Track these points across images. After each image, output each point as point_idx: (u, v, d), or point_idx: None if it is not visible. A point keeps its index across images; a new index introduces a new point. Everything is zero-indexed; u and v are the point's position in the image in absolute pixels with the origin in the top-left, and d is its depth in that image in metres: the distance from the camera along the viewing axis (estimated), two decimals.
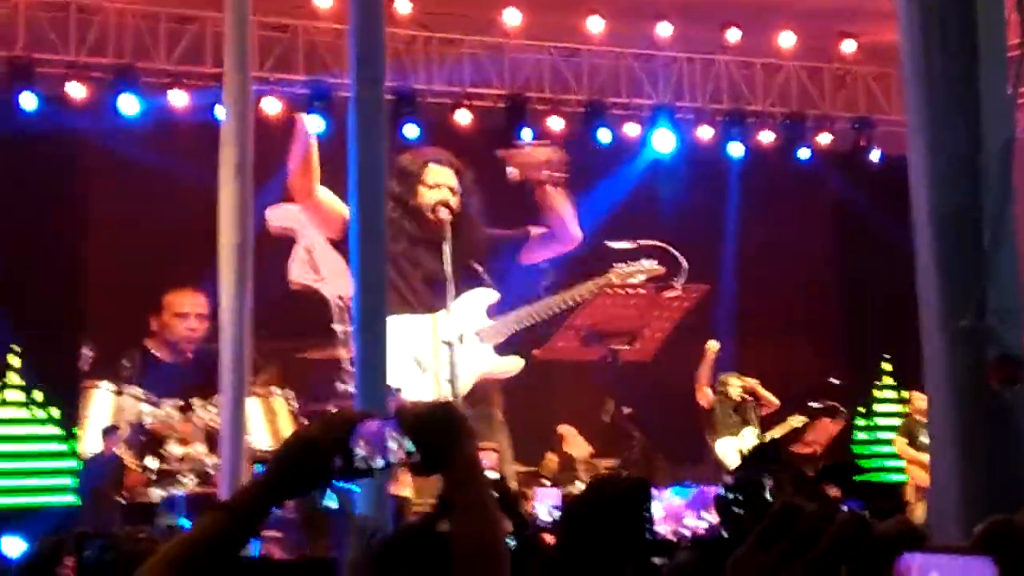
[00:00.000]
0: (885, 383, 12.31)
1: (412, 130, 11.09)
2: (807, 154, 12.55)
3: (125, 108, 10.46)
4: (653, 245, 9.16)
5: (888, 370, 12.28)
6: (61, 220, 10.27)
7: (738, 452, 11.05)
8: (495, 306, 9.55)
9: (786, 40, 12.00)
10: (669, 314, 8.98)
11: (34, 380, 9.68)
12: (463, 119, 11.54)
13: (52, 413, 9.60)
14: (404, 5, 10.83)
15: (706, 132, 12.38)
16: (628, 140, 12.20)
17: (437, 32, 11.38)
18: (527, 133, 11.52)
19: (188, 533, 2.08)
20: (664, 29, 11.63)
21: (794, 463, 10.90)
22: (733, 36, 11.83)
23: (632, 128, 12.18)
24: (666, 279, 9.01)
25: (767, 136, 12.53)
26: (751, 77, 12.40)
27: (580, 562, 3.17)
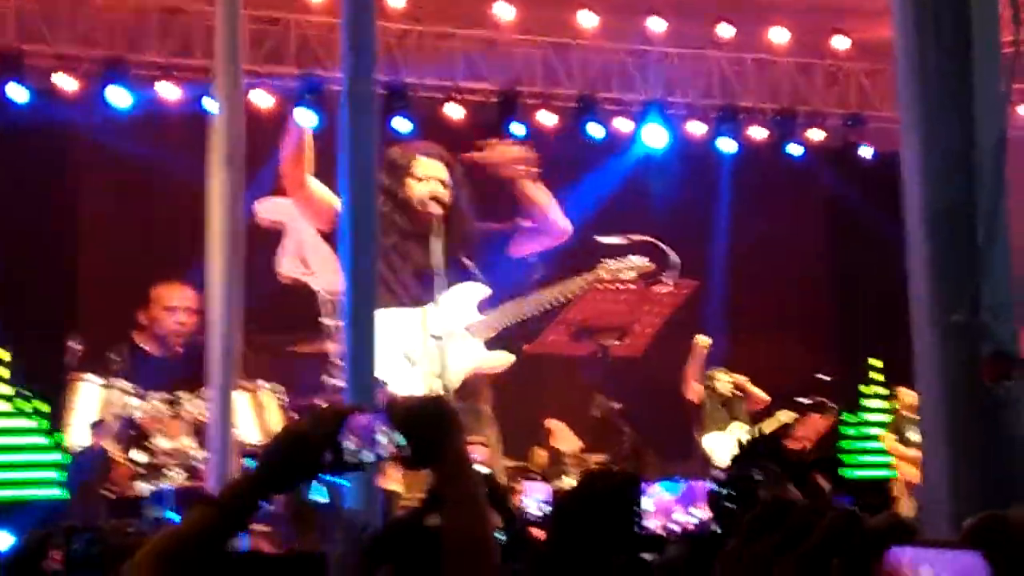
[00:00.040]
0: (874, 379, 12.31)
1: (403, 124, 11.06)
2: (799, 150, 12.54)
3: (115, 100, 10.40)
4: (643, 240, 9.16)
5: (877, 366, 12.29)
6: (50, 213, 10.23)
7: (738, 442, 11.03)
8: (485, 301, 9.54)
9: (778, 36, 11.99)
10: (659, 310, 8.97)
11: (21, 373, 9.63)
12: (454, 113, 11.52)
13: (39, 406, 9.55)
14: None
15: (697, 128, 12.36)
16: (619, 135, 12.19)
17: (429, 26, 11.35)
18: (518, 128, 11.52)
19: (177, 527, 2.06)
20: (656, 24, 11.61)
21: (790, 455, 10.91)
22: (725, 31, 11.81)
23: (623, 123, 12.16)
24: (656, 275, 9.01)
25: (759, 132, 12.51)
26: (743, 73, 12.38)
27: (570, 557, 3.16)
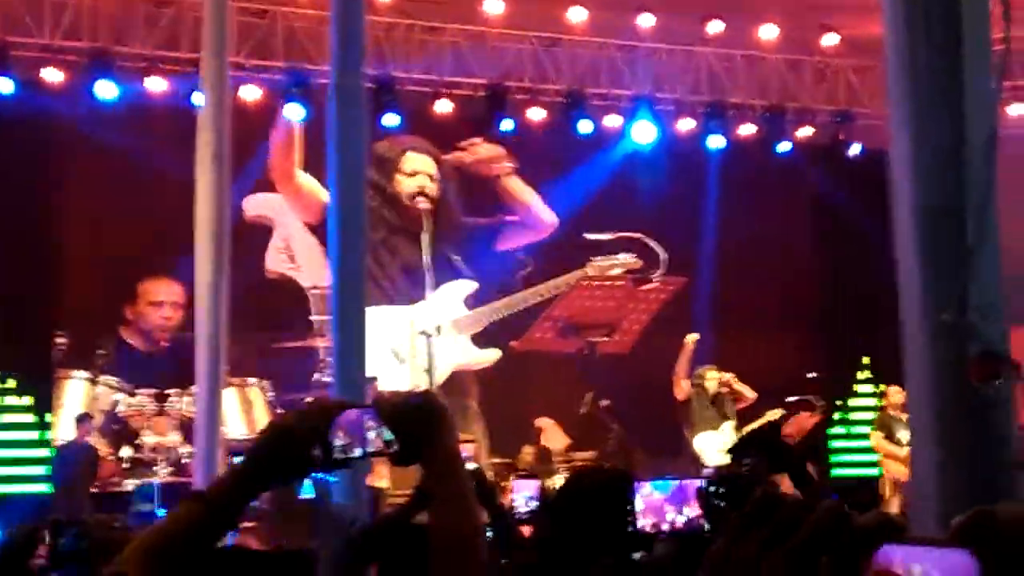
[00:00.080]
0: (862, 377, 12.32)
1: (392, 119, 11.01)
2: (787, 147, 12.54)
3: (101, 93, 10.34)
4: (631, 237, 9.15)
5: (865, 364, 12.29)
6: (35, 206, 10.17)
7: (739, 433, 11.04)
8: (472, 296, 9.53)
9: (767, 32, 11.98)
10: (646, 306, 8.97)
11: (7, 367, 9.56)
12: (443, 108, 11.48)
13: (25, 401, 9.49)
14: None
15: (686, 124, 12.35)
16: (608, 131, 12.17)
17: (417, 20, 11.31)
18: (507, 123, 11.49)
19: (164, 523, 2.04)
20: (645, 20, 11.59)
21: (785, 446, 10.90)
22: (714, 28, 11.80)
23: (612, 119, 12.14)
24: (644, 271, 9.00)
25: (747, 128, 12.50)
26: (732, 69, 12.37)
27: (559, 554, 3.14)
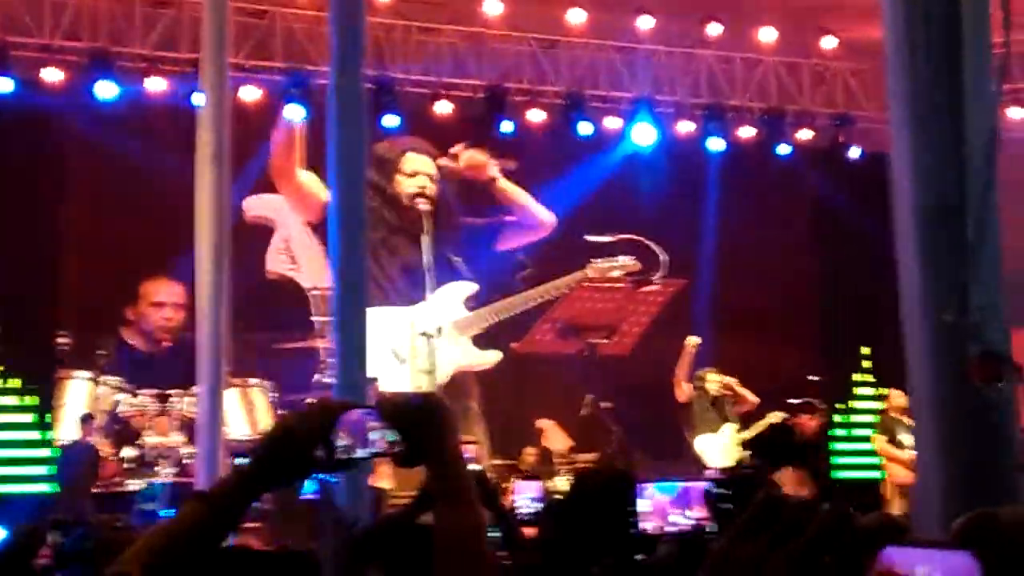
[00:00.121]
0: (863, 380, 12.31)
1: (392, 120, 11.01)
2: (786, 150, 12.54)
3: (101, 93, 10.33)
4: (631, 240, 9.15)
5: (866, 367, 12.29)
6: (36, 207, 10.14)
7: (739, 435, 11.07)
8: (473, 298, 9.53)
9: (766, 35, 11.99)
10: (646, 308, 8.97)
11: (9, 368, 9.56)
12: (443, 109, 11.47)
13: (27, 401, 9.49)
14: None
15: (686, 126, 12.35)
16: (608, 133, 12.17)
17: (417, 21, 11.31)
18: (507, 125, 11.50)
19: (168, 523, 2.04)
20: (645, 22, 11.60)
21: (798, 439, 10.97)
22: (714, 30, 11.81)
23: (612, 121, 12.14)
24: (644, 273, 9.01)
25: (747, 131, 12.51)
26: (731, 72, 12.37)
27: (562, 554, 3.15)
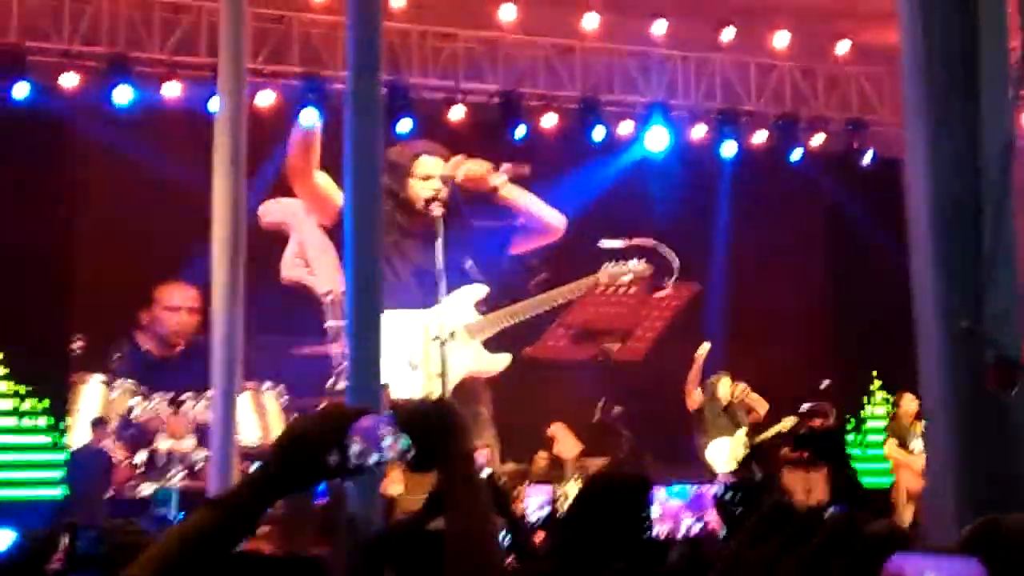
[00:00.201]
0: (875, 385, 12.29)
1: (406, 125, 11.01)
2: (799, 155, 12.52)
3: (118, 98, 10.36)
4: (645, 245, 9.15)
5: (878, 372, 12.26)
6: (52, 211, 10.19)
7: (750, 441, 11.05)
8: (484, 302, 9.53)
9: (780, 40, 11.98)
10: (659, 313, 8.96)
11: (23, 372, 9.59)
12: (457, 114, 11.46)
13: (40, 405, 9.53)
14: None
15: (699, 131, 12.33)
16: (622, 137, 12.16)
17: (431, 26, 11.32)
18: (521, 129, 11.50)
19: (181, 529, 2.04)
20: (659, 27, 11.60)
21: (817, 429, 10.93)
22: (728, 35, 11.80)
23: (626, 126, 12.13)
24: (657, 279, 9.00)
25: (760, 136, 12.49)
26: (745, 76, 12.36)
27: (574, 559, 3.14)
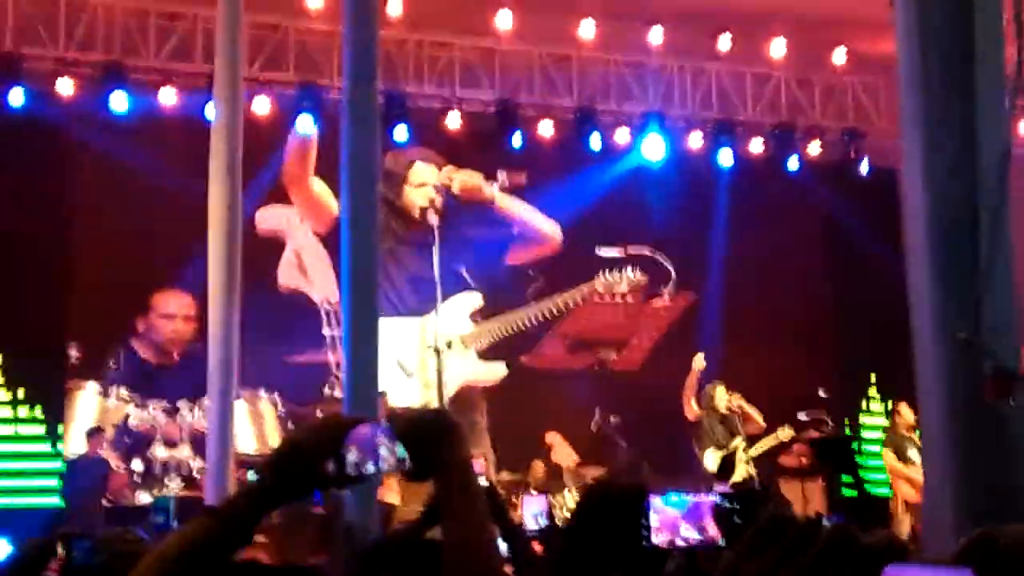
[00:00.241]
0: (872, 396, 12.28)
1: (402, 133, 11.01)
2: (796, 164, 12.52)
3: (114, 105, 10.36)
4: (641, 254, 9.15)
5: (875, 382, 12.25)
6: (47, 217, 10.16)
7: (748, 451, 11.04)
8: (480, 310, 9.54)
9: (777, 49, 11.98)
10: (656, 323, 8.99)
11: (18, 380, 9.57)
12: (453, 123, 11.45)
13: (36, 413, 9.50)
14: (395, 7, 10.64)
15: (696, 140, 12.33)
16: (618, 146, 12.16)
17: (428, 35, 11.32)
18: (517, 138, 11.50)
19: (178, 538, 2.03)
20: (655, 36, 11.59)
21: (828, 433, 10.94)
22: (724, 44, 11.80)
23: (622, 135, 12.13)
24: (654, 288, 9.01)
25: (756, 145, 12.49)
26: (741, 86, 12.37)
27: (572, 569, 3.13)
